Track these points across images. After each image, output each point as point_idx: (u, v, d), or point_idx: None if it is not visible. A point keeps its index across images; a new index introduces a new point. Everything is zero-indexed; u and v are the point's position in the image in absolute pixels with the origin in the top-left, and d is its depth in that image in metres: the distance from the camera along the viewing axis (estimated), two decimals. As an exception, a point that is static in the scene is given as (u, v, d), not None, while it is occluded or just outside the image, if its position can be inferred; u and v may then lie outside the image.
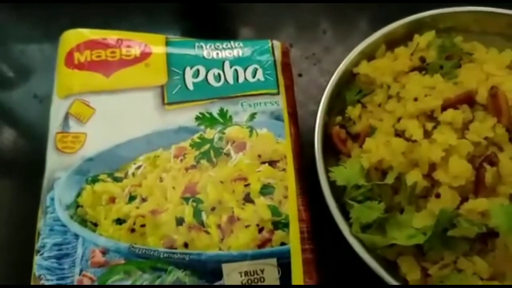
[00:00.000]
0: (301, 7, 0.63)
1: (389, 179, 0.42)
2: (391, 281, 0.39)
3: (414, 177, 0.41)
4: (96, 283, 0.41)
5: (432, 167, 0.42)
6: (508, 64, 0.47)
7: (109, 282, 0.41)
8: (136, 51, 0.47)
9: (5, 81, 0.63)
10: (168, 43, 0.48)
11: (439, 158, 0.41)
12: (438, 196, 0.40)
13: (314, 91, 0.57)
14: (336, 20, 0.62)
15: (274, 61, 0.49)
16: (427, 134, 0.43)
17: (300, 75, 0.58)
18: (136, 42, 0.47)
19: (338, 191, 0.45)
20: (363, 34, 0.52)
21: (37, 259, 0.42)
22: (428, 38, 0.50)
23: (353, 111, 0.50)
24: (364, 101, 0.50)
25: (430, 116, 0.44)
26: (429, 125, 0.43)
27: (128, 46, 0.47)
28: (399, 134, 0.45)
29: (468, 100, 0.43)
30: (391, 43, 0.52)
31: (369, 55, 0.52)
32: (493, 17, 0.52)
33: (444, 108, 0.43)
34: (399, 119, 0.45)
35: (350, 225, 0.42)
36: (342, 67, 0.50)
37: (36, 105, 0.59)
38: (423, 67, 0.49)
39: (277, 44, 0.49)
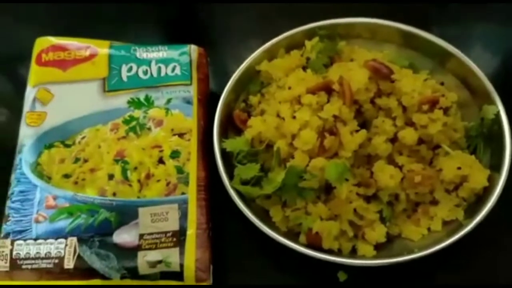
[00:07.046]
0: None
1: (261, 146, 0.57)
2: (252, 216, 0.53)
3: (279, 144, 0.55)
4: (47, 220, 0.56)
5: (294, 137, 0.56)
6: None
7: (57, 220, 0.56)
8: (86, 52, 0.63)
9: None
10: (111, 47, 0.64)
11: (296, 130, 0.55)
12: (293, 157, 0.54)
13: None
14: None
15: (190, 60, 0.64)
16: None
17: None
18: (86, 45, 0.64)
19: (231, 158, 0.59)
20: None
21: (8, 202, 0.57)
22: (312, 43, 0.64)
23: (253, 99, 0.64)
24: (263, 91, 0.65)
25: (299, 100, 0.58)
26: (297, 107, 0.57)
27: (80, 49, 0.63)
28: (278, 114, 0.59)
29: (326, 88, 0.56)
30: (291, 46, 0.66)
31: (271, 55, 0.65)
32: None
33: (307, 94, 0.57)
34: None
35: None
36: (245, 65, 0.64)
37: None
38: (306, 66, 0.63)
39: (194, 48, 0.65)
